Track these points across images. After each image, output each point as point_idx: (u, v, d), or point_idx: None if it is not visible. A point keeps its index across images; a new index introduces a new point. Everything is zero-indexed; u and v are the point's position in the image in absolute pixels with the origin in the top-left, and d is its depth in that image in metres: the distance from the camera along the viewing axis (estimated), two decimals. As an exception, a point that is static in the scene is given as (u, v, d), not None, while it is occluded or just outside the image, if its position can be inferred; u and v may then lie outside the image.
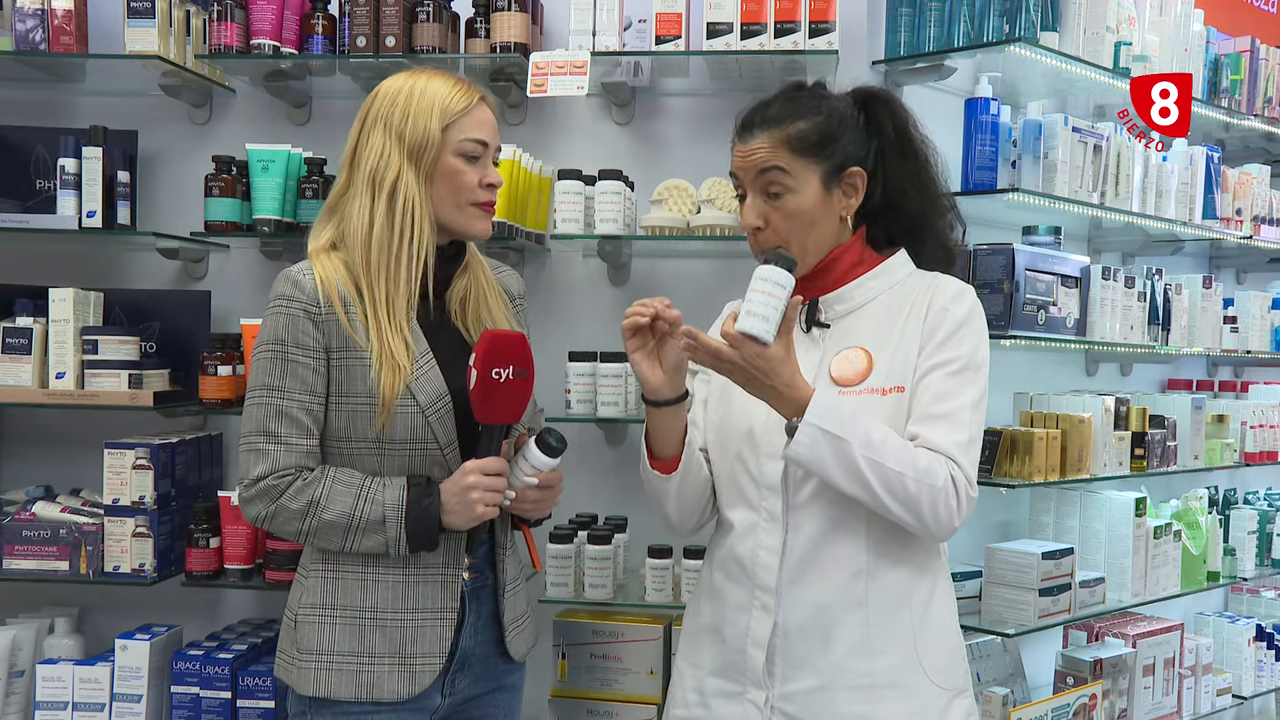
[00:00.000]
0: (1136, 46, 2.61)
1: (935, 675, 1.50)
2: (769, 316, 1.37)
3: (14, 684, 2.36)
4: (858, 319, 1.55)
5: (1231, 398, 3.30)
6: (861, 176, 1.54)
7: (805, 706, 1.48)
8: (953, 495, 1.43)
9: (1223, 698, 3.03)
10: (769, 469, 1.52)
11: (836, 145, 1.52)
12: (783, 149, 1.50)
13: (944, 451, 1.43)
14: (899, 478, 1.40)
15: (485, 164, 1.61)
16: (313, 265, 1.56)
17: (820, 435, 1.38)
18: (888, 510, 1.42)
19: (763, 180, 1.51)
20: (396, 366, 1.51)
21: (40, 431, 2.58)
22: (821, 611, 1.48)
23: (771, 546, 1.51)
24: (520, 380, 1.53)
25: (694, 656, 1.61)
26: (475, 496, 1.51)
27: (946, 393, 1.46)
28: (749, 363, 1.38)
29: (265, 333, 1.55)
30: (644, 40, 2.33)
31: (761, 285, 1.38)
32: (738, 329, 1.37)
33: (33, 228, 2.34)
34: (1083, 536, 2.67)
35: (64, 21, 2.35)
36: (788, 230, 1.51)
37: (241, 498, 1.54)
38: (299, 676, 1.57)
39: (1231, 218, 3.12)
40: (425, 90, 1.57)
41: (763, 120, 1.53)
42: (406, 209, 1.54)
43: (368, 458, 1.56)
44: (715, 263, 2.51)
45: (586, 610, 2.36)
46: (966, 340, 1.49)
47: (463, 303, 1.65)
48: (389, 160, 1.55)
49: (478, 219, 1.61)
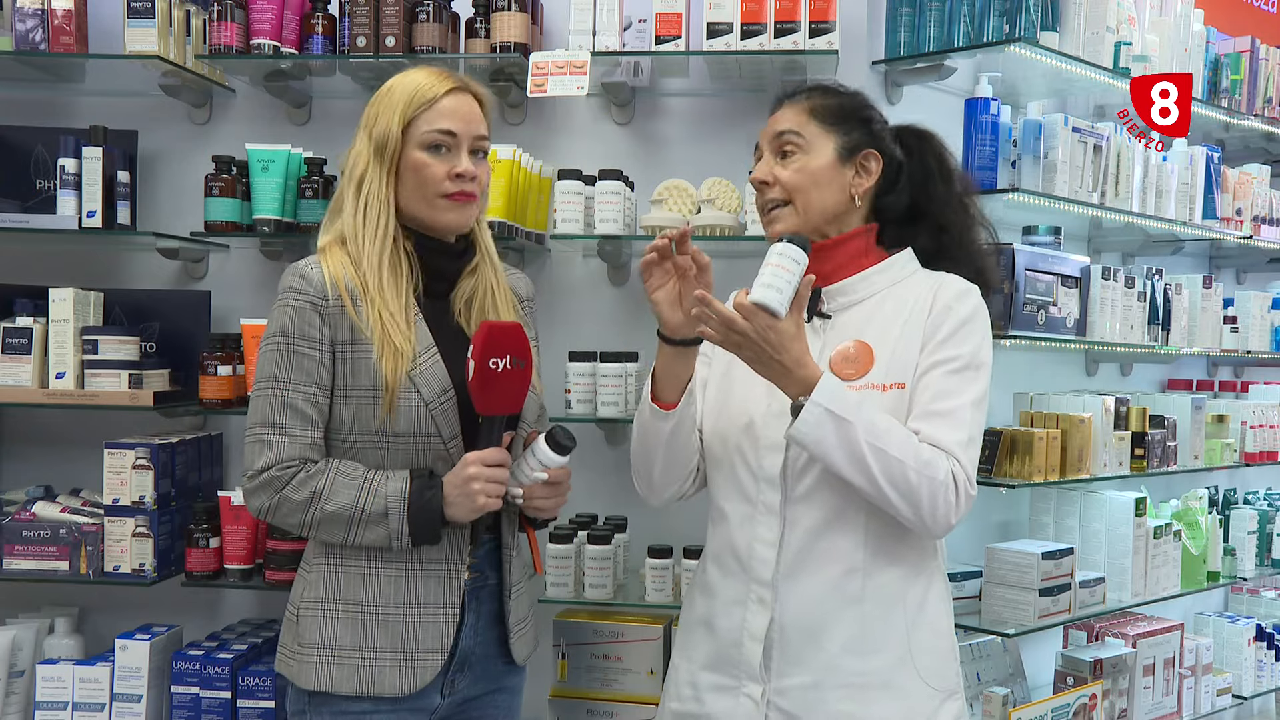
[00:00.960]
0: (1136, 46, 2.61)
1: (927, 676, 1.50)
2: (782, 289, 1.36)
3: (14, 684, 2.36)
4: (860, 312, 1.56)
5: (1231, 398, 3.30)
6: (876, 159, 1.58)
7: (799, 702, 1.48)
8: (952, 491, 1.42)
9: (1223, 698, 3.03)
10: (768, 461, 1.52)
11: (860, 125, 1.58)
12: (804, 116, 1.57)
13: (945, 448, 1.43)
14: (901, 466, 1.39)
15: (455, 155, 1.59)
16: (321, 260, 1.58)
17: (825, 415, 1.38)
18: (887, 500, 1.41)
19: (778, 142, 1.57)
20: (396, 351, 1.52)
21: (40, 431, 2.58)
22: (816, 607, 1.48)
23: (768, 540, 1.51)
24: (518, 370, 1.53)
25: (688, 650, 1.61)
26: (476, 487, 1.51)
27: (947, 390, 1.46)
28: (760, 335, 1.37)
29: (272, 325, 1.56)
30: (644, 40, 2.33)
31: (776, 259, 1.38)
32: (751, 299, 1.37)
33: (33, 228, 2.34)
34: (1083, 536, 2.67)
35: (64, 21, 2.35)
36: (792, 184, 1.55)
37: (245, 489, 1.54)
38: (300, 670, 1.57)
39: (1231, 218, 3.12)
40: (398, 87, 1.59)
41: (794, 95, 1.61)
42: (374, 204, 1.57)
43: (371, 451, 1.56)
44: (715, 262, 2.47)
45: (586, 610, 2.36)
46: (969, 339, 1.49)
47: (468, 302, 1.65)
48: (360, 158, 1.59)
49: (447, 210, 1.59)
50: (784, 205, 1.56)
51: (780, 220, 1.57)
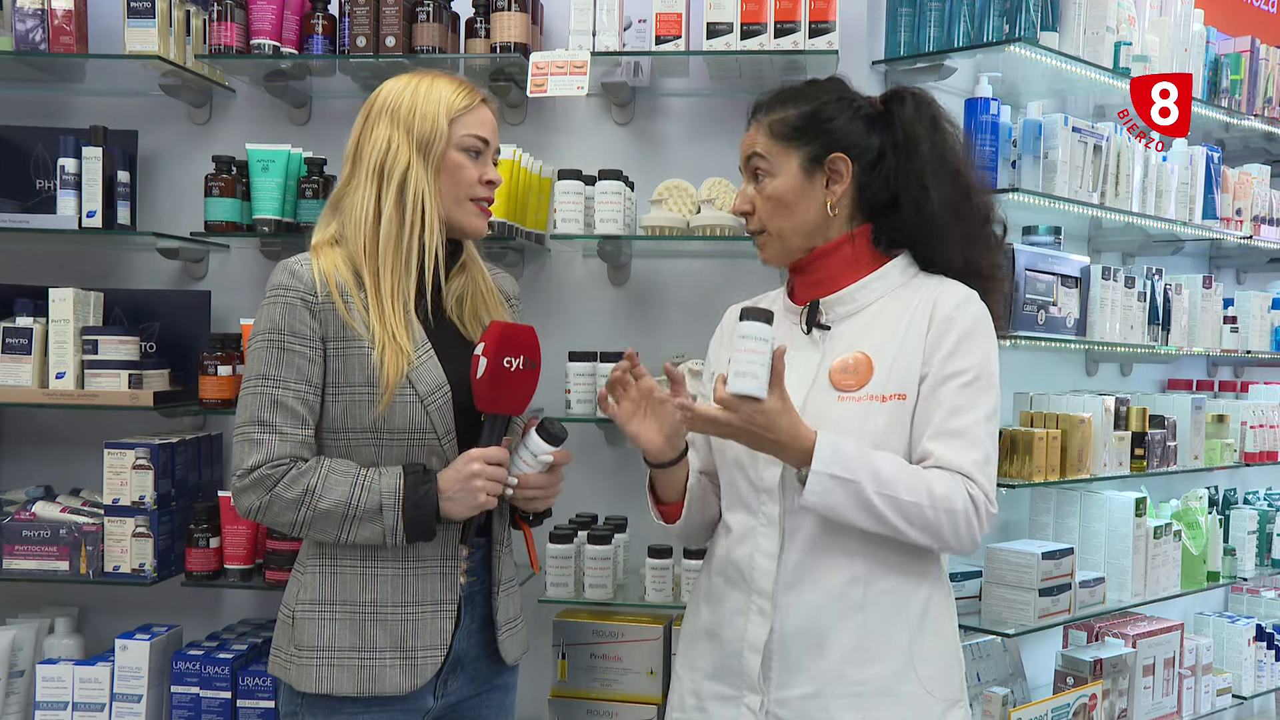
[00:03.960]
0: (1136, 46, 2.61)
1: (930, 684, 1.49)
2: (757, 374, 1.36)
3: (14, 684, 2.36)
4: (859, 322, 1.54)
5: (1231, 398, 3.30)
6: (844, 161, 1.52)
7: (799, 712, 1.48)
8: (973, 515, 1.43)
9: (1223, 698, 3.03)
10: (767, 474, 1.51)
11: (820, 132, 1.52)
12: (764, 136, 1.55)
13: (961, 470, 1.43)
14: (916, 508, 1.40)
15: (485, 162, 1.63)
16: (312, 258, 1.57)
17: (831, 481, 1.39)
18: (908, 538, 1.43)
19: (750, 166, 1.57)
20: (399, 349, 1.52)
21: (40, 431, 2.58)
22: (817, 617, 1.47)
23: (769, 551, 1.50)
24: (529, 371, 1.54)
25: (691, 660, 1.60)
26: (479, 484, 1.51)
27: (960, 407, 1.45)
28: (749, 422, 1.37)
29: (261, 322, 1.55)
30: (644, 40, 2.33)
31: (743, 344, 1.38)
32: (729, 392, 1.37)
33: (33, 228, 2.34)
34: (1083, 536, 2.67)
35: (64, 21, 2.35)
36: (768, 213, 1.54)
37: (235, 488, 1.53)
38: (298, 674, 1.56)
39: (1231, 218, 3.12)
40: (432, 87, 1.60)
41: (755, 110, 1.59)
42: (417, 201, 1.56)
43: (365, 448, 1.55)
44: (715, 263, 2.51)
45: (586, 610, 2.36)
46: (975, 350, 1.48)
47: (459, 300, 1.66)
48: (397, 152, 1.56)
49: (475, 216, 1.62)
50: (763, 233, 1.56)
51: (764, 248, 1.58)
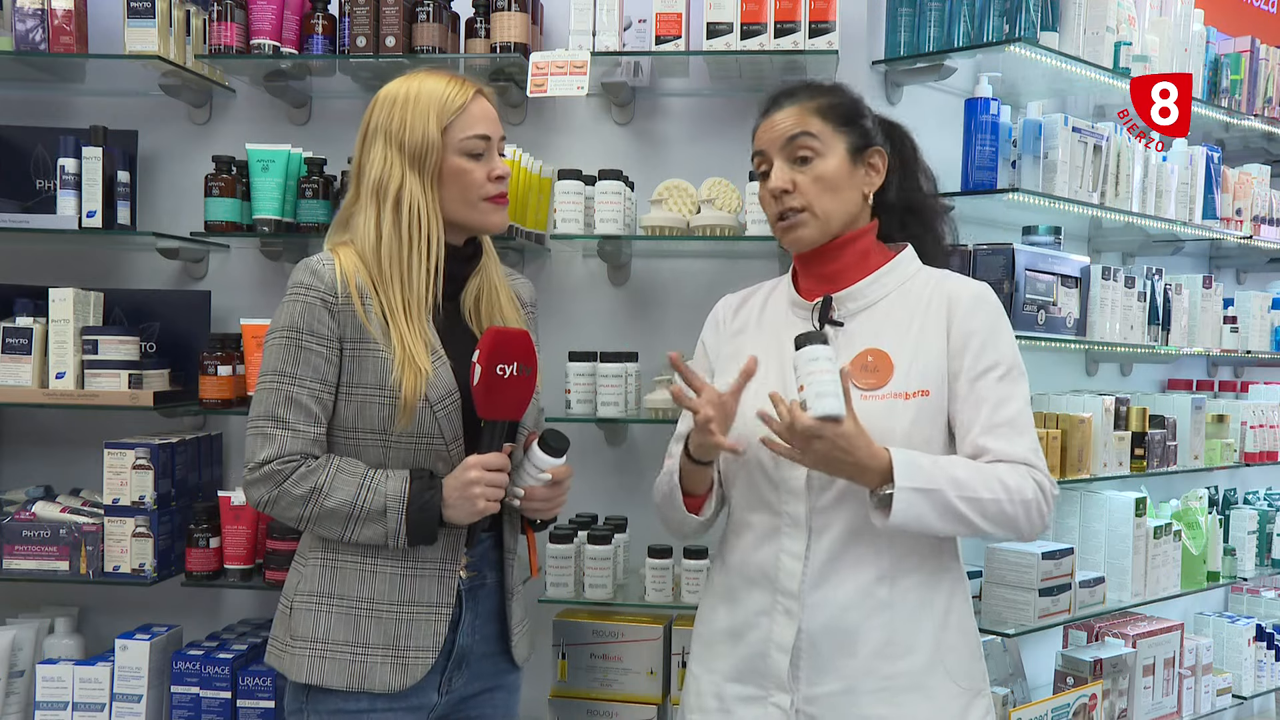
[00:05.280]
0: (1136, 46, 2.61)
1: (956, 676, 1.51)
2: (837, 393, 1.37)
3: (14, 684, 2.36)
4: (871, 316, 1.55)
5: (1231, 398, 3.30)
6: (882, 156, 1.58)
7: (829, 709, 1.48)
8: (1043, 501, 1.47)
9: (1223, 698, 3.03)
10: (791, 474, 1.51)
11: (861, 123, 1.57)
12: (812, 116, 1.54)
13: (1021, 460, 1.47)
14: (996, 504, 1.43)
15: (490, 157, 1.62)
16: (334, 256, 1.58)
17: (915, 495, 1.40)
18: (986, 534, 1.47)
19: (791, 147, 1.53)
20: (419, 370, 1.52)
21: (40, 431, 2.58)
22: (845, 615, 1.48)
23: (795, 551, 1.50)
24: (524, 377, 1.53)
25: (710, 661, 1.60)
26: (477, 491, 1.52)
27: (1004, 398, 1.49)
28: (834, 445, 1.37)
29: (281, 319, 1.56)
30: (644, 40, 2.33)
31: (814, 366, 1.37)
32: (815, 414, 1.36)
33: (33, 228, 2.34)
34: (1083, 536, 2.67)
35: (64, 21, 2.35)
36: (814, 193, 1.52)
37: (246, 480, 1.55)
38: (291, 663, 1.57)
39: (1231, 218, 3.12)
40: (420, 93, 1.58)
41: (790, 95, 1.57)
42: (413, 216, 1.55)
43: (373, 449, 1.56)
44: (715, 263, 2.51)
45: (586, 610, 2.36)
46: (1002, 341, 1.52)
47: (476, 301, 1.66)
48: (391, 170, 1.56)
49: (491, 213, 1.63)
50: (803, 212, 1.53)
51: (801, 227, 1.53)
